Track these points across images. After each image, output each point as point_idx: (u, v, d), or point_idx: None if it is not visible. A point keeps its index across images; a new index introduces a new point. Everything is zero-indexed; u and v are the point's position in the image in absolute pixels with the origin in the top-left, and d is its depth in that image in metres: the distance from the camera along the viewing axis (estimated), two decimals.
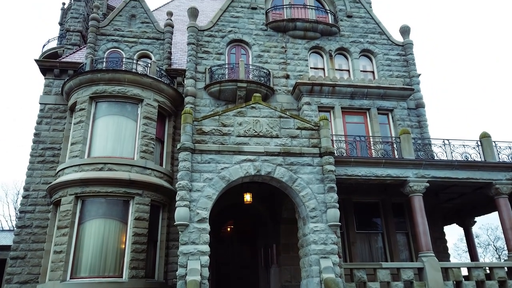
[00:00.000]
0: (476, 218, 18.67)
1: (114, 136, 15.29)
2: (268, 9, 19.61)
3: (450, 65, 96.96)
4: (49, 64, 18.30)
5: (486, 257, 46.71)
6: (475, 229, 25.33)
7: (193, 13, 18.52)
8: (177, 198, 11.55)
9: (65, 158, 15.71)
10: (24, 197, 16.01)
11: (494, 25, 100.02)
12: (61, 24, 24.90)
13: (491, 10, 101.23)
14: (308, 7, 19.73)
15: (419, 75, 19.16)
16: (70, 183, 14.18)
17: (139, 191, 14.46)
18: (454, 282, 12.50)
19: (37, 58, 20.44)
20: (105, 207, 14.23)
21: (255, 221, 19.23)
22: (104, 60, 17.27)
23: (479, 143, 14.32)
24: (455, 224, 19.15)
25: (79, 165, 14.64)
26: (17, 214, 30.68)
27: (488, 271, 13.36)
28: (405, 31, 20.04)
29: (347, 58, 19.37)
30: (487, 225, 46.26)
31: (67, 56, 19.25)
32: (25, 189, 16.08)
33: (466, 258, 38.89)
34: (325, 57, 19.12)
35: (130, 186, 14.34)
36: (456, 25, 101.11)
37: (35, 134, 16.86)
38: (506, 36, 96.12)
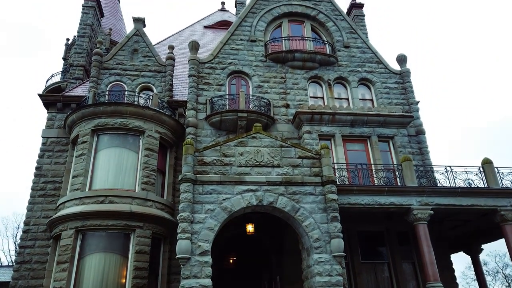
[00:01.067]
0: (483, 245, 18.31)
1: (115, 168, 15.30)
2: (267, 41, 20.09)
3: (446, 89, 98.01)
4: (52, 98, 18.58)
5: (496, 285, 45.48)
6: (482, 256, 24.72)
7: (194, 46, 18.96)
8: (178, 231, 11.42)
9: (66, 191, 15.65)
10: (24, 231, 15.84)
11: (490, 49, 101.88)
12: (64, 59, 25.45)
13: (487, 35, 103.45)
14: (306, 38, 20.22)
15: (418, 102, 19.36)
16: (70, 216, 14.06)
17: (140, 223, 14.31)
18: None
19: (41, 92, 20.74)
20: (106, 240, 14.04)
21: (258, 252, 18.87)
22: (107, 93, 17.54)
23: (481, 169, 14.27)
24: (462, 252, 18.76)
25: (80, 198, 14.57)
26: (16, 249, 30.22)
27: None
28: (402, 59, 20.42)
29: (345, 87, 19.64)
30: (494, 252, 45.33)
31: (70, 90, 19.58)
32: (26, 224, 15.93)
33: (474, 286, 37.88)
34: (324, 86, 19.39)
35: (131, 218, 14.20)
36: (454, 45, 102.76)
37: (37, 168, 16.88)
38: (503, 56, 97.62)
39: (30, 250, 15.42)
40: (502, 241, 14.85)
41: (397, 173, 14.84)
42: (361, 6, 25.29)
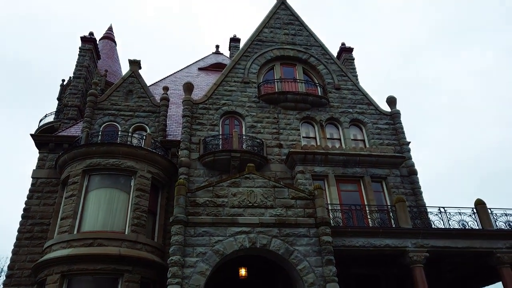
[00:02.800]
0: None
1: (105, 210, 15.00)
2: (260, 83, 20.55)
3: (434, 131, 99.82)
4: (44, 138, 18.51)
5: None
6: None
7: (188, 87, 19.30)
8: (168, 275, 11.05)
9: (53, 234, 15.21)
10: (7, 276, 15.18)
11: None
12: (59, 99, 25.68)
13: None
14: (298, 80, 20.74)
15: (409, 143, 19.61)
16: (57, 260, 13.56)
17: (129, 267, 13.82)
18: None
19: (33, 132, 20.70)
20: (93, 286, 13.51)
21: None
22: (100, 133, 17.56)
23: (474, 210, 14.25)
24: None
25: (68, 241, 14.14)
26: None
27: None
28: (391, 101, 20.91)
29: (337, 128, 19.92)
30: None
31: (63, 130, 19.57)
32: (10, 268, 15.30)
33: None
34: (316, 126, 19.65)
35: (120, 262, 13.73)
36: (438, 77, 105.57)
37: (25, 209, 16.49)
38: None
39: None
40: (499, 285, 14.54)
41: (391, 214, 14.74)
42: (350, 50, 26.27)
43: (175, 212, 12.02)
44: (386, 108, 20.99)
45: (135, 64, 21.36)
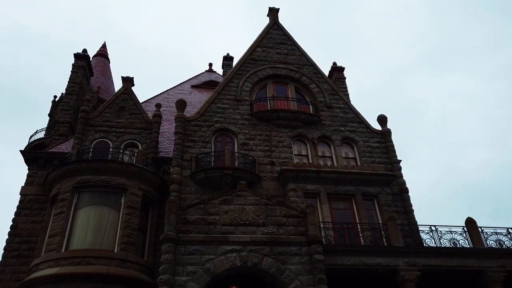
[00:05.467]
0: None
1: (95, 227, 14.77)
2: (253, 101, 20.71)
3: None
4: (34, 154, 18.34)
5: None
6: None
7: (181, 105, 19.37)
8: None
9: (40, 252, 14.89)
10: None
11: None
12: (50, 115, 25.55)
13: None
14: (290, 99, 20.95)
15: (400, 161, 19.77)
16: (44, 279, 13.26)
17: (117, 286, 13.54)
18: None
19: (23, 148, 20.48)
20: None
21: None
22: (91, 150, 17.45)
23: (465, 229, 14.32)
24: None
25: (55, 259, 13.84)
26: None
27: None
28: (382, 120, 21.17)
29: (329, 145, 20.05)
30: None
31: (53, 146, 19.41)
32: None
33: None
34: (309, 144, 19.76)
35: (109, 281, 13.46)
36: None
37: (12, 227, 16.16)
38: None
39: None
40: None
41: (382, 232, 14.73)
42: (342, 69, 26.71)
43: (166, 230, 11.89)
44: (377, 126, 21.23)
45: (128, 81, 21.43)
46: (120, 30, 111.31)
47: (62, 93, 24.68)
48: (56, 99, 26.48)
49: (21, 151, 18.20)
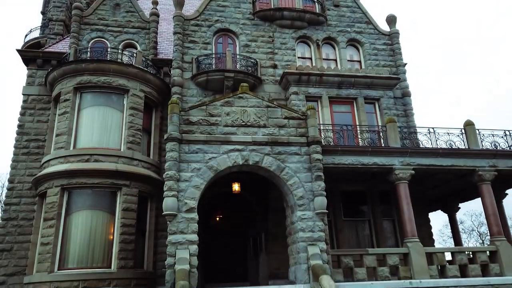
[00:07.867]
0: (461, 205, 19.07)
1: (100, 127, 15.12)
2: None
3: (434, 51, 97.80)
4: (31, 54, 17.92)
5: (470, 242, 47.86)
6: (459, 215, 25.88)
7: (179, 2, 18.26)
8: (164, 188, 11.54)
9: (50, 150, 15.50)
10: (9, 189, 15.78)
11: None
12: (43, 13, 24.31)
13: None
14: None
15: (405, 64, 19.32)
16: (55, 174, 14.02)
17: (126, 182, 14.37)
18: (438, 267, 12.81)
19: (20, 48, 19.95)
20: (92, 198, 14.14)
21: (244, 211, 19.29)
22: (89, 50, 16.99)
23: (463, 131, 14.57)
24: (440, 210, 19.54)
25: (65, 156, 14.46)
26: (2, 206, 30.23)
27: (471, 256, 13.70)
28: (391, 20, 20.13)
29: (334, 48, 19.41)
30: (471, 211, 47.30)
31: (50, 46, 18.87)
32: (10, 181, 15.85)
33: (450, 243, 39.80)
34: (313, 46, 19.12)
35: (117, 177, 14.24)
36: (441, 10, 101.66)
37: (19, 126, 16.57)
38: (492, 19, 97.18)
39: (16, 207, 15.45)
40: (478, 201, 15.48)
41: (381, 134, 15.07)
42: None
43: (169, 130, 12.15)
44: (385, 27, 20.26)
45: None
46: None
47: None
48: None
49: (18, 50, 17.75)
